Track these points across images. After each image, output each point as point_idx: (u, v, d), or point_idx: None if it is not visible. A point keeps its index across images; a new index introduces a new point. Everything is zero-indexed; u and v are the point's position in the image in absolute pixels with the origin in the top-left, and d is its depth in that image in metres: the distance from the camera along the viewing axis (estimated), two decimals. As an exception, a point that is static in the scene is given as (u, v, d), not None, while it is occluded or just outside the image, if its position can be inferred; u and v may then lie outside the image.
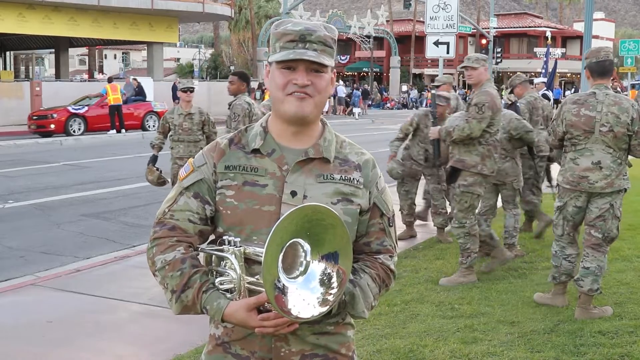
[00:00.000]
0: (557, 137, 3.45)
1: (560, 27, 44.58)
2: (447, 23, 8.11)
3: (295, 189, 1.27)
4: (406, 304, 3.73)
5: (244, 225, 1.27)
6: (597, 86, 3.43)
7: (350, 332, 1.36)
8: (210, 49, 51.19)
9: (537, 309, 3.63)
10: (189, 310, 1.25)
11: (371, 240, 1.34)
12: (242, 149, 1.32)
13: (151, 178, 5.43)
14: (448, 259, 4.78)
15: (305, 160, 1.29)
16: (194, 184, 1.31)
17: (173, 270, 1.25)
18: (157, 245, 1.28)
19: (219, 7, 25.98)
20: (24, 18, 20.84)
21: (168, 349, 3.24)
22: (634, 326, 3.30)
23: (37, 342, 3.37)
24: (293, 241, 1.14)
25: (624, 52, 15.23)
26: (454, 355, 2.98)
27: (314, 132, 1.32)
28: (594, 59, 3.42)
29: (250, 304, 1.19)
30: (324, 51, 1.26)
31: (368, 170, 1.34)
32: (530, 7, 62.69)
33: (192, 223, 1.29)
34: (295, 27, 1.26)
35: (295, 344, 1.28)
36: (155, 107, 17.15)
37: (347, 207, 1.28)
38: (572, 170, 3.42)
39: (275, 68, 1.27)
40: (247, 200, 1.27)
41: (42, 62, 49.31)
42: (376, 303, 1.34)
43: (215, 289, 1.24)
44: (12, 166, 10.25)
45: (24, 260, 5.09)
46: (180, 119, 5.32)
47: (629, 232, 5.28)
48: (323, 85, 1.27)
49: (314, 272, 1.16)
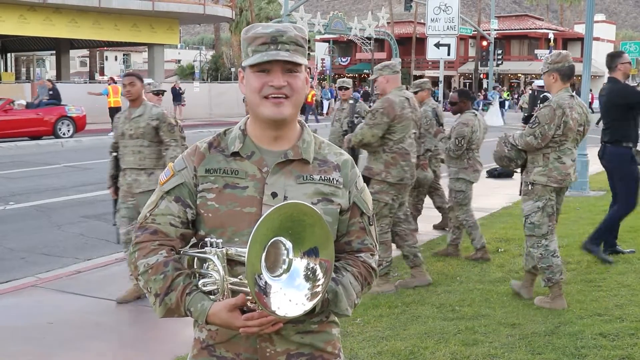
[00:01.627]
0: (547, 141, 3.56)
1: (561, 29, 44.63)
2: (448, 25, 8.13)
3: (276, 190, 1.28)
4: (407, 306, 3.73)
5: (226, 227, 1.27)
6: (566, 89, 3.63)
7: (335, 330, 1.37)
8: (211, 51, 51.26)
9: (537, 311, 3.63)
10: (173, 313, 1.26)
11: (352, 239, 1.35)
12: (221, 152, 1.32)
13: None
14: (448, 260, 4.78)
15: (284, 161, 1.30)
16: (175, 188, 1.31)
17: (156, 273, 1.25)
18: (139, 250, 1.29)
19: (220, 8, 26.05)
20: (25, 20, 20.88)
21: (168, 350, 3.25)
22: (634, 328, 3.30)
23: (38, 343, 3.38)
24: (275, 240, 1.14)
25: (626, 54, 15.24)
26: (454, 357, 2.98)
27: (293, 133, 1.33)
28: (565, 63, 3.61)
29: (232, 304, 1.20)
30: (297, 51, 1.27)
31: (347, 170, 1.35)
32: (531, 9, 62.84)
33: (173, 227, 1.30)
34: (265, 30, 1.27)
35: (280, 343, 1.28)
36: (70, 111, 14.97)
37: (327, 207, 1.29)
38: (558, 170, 3.59)
39: (250, 72, 1.28)
40: (228, 203, 1.28)
41: (43, 63, 49.40)
42: (359, 301, 1.35)
43: (199, 290, 1.25)
44: (12, 168, 10.27)
45: (24, 262, 5.09)
46: None
47: (629, 234, 5.27)
48: (299, 85, 1.28)
49: (297, 269, 1.17)
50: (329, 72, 37.71)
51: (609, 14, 74.98)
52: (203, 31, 76.42)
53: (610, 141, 4.64)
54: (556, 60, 3.60)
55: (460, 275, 4.39)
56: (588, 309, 3.62)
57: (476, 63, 39.26)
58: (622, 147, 4.55)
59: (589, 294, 3.90)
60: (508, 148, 3.68)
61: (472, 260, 4.72)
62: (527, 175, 3.66)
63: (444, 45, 8.05)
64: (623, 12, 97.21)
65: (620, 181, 4.62)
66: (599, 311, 3.58)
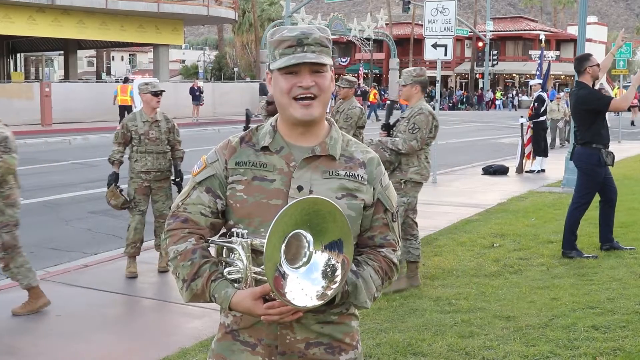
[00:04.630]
0: (424, 144, 4.05)
1: (555, 31, 44.75)
2: (444, 26, 8.19)
3: (302, 184, 1.32)
4: (405, 299, 3.80)
5: (253, 218, 1.32)
6: (422, 98, 4.13)
7: (354, 322, 1.40)
8: (215, 51, 51.37)
9: (532, 304, 3.69)
10: (199, 298, 1.30)
11: (375, 235, 1.38)
12: (252, 147, 1.37)
13: (115, 202, 4.50)
14: (445, 255, 4.85)
15: (311, 157, 1.34)
16: (206, 179, 1.36)
17: (184, 260, 1.30)
18: (170, 237, 1.34)
19: (223, 10, 26.17)
20: (34, 21, 21.09)
21: (173, 342, 3.31)
22: (626, 321, 3.36)
23: (46, 335, 3.47)
24: (296, 232, 1.17)
25: (616, 55, 15.19)
26: (451, 349, 3.04)
27: (321, 130, 1.38)
28: (425, 77, 4.13)
29: (256, 293, 1.24)
30: (322, 51, 1.31)
31: (372, 168, 1.39)
32: (525, 11, 62.90)
33: (203, 216, 1.35)
34: (291, 33, 1.31)
35: (300, 332, 1.32)
36: None
37: (351, 202, 1.33)
38: (427, 168, 4.14)
39: (278, 74, 1.32)
40: (256, 194, 1.32)
41: (52, 63, 49.67)
42: (379, 294, 1.38)
43: (224, 278, 1.29)
44: (22, 164, 10.26)
45: (33, 256, 5.16)
46: (146, 127, 4.48)
47: (621, 230, 5.33)
48: (326, 84, 1.33)
49: (316, 263, 1.20)
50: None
51: (601, 16, 74.87)
52: (207, 32, 76.58)
53: (579, 143, 4.74)
54: (420, 74, 4.11)
55: (456, 269, 4.46)
56: (580, 302, 3.68)
57: (472, 63, 39.41)
58: (591, 149, 4.64)
59: (582, 288, 3.95)
60: (388, 153, 4.03)
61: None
62: (402, 174, 4.04)
63: (441, 46, 8.11)
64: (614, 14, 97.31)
65: (584, 176, 4.71)
66: (591, 304, 3.63)
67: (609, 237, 4.87)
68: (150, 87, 4.51)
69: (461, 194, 7.86)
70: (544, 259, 4.69)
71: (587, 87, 4.68)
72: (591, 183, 4.69)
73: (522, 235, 5.42)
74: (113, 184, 4.47)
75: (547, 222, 5.93)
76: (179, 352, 3.17)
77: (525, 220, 6.03)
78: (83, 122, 18.57)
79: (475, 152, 13.02)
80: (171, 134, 4.59)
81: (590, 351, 3.00)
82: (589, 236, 5.16)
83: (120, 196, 4.50)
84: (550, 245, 5.04)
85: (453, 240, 5.29)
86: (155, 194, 4.59)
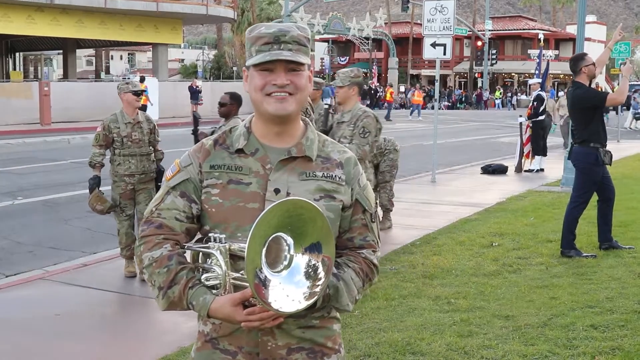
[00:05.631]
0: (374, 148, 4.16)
1: (554, 30, 44.86)
2: (443, 25, 8.21)
3: (279, 186, 1.30)
4: (404, 299, 3.81)
5: (229, 222, 1.29)
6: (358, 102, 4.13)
7: (336, 326, 1.38)
8: (214, 50, 51.41)
9: (530, 304, 3.70)
10: (176, 306, 1.28)
11: (354, 236, 1.36)
12: (226, 149, 1.34)
13: (101, 207, 4.33)
14: (444, 254, 4.85)
15: (288, 158, 1.32)
16: (181, 184, 1.33)
17: (160, 267, 1.27)
18: (144, 243, 1.31)
19: (222, 9, 26.17)
20: (33, 20, 21.07)
21: (173, 341, 3.31)
22: (624, 320, 3.37)
23: (46, 334, 3.46)
24: (276, 235, 1.16)
25: (616, 55, 15.16)
26: (450, 348, 3.05)
27: (296, 131, 1.35)
28: (362, 79, 4.11)
29: (236, 299, 1.21)
30: (299, 50, 1.29)
31: (350, 168, 1.36)
32: (524, 10, 63.03)
33: (178, 221, 1.32)
34: (269, 30, 1.29)
35: (281, 337, 1.30)
36: None
37: (329, 204, 1.31)
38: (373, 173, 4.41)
39: (254, 71, 1.30)
40: (232, 198, 1.30)
41: (51, 62, 49.65)
42: (360, 296, 1.36)
43: (202, 285, 1.26)
44: (21, 164, 10.40)
45: (32, 255, 5.19)
46: (129, 129, 4.34)
47: (620, 229, 5.34)
48: (302, 83, 1.31)
49: (298, 266, 1.18)
50: (328, 72, 37.82)
51: (600, 15, 75.06)
52: (206, 31, 76.53)
53: (577, 142, 4.75)
54: (357, 75, 4.01)
55: (455, 268, 4.47)
56: (579, 301, 3.69)
57: (471, 62, 39.53)
58: (588, 148, 4.65)
59: (580, 287, 3.96)
60: None
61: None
62: None
63: (440, 45, 8.12)
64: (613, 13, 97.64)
65: (582, 176, 4.72)
66: (590, 303, 3.64)
67: (608, 237, 4.88)
68: (132, 86, 4.37)
69: (460, 193, 7.86)
70: (542, 258, 4.70)
71: (583, 86, 4.69)
72: (589, 182, 4.70)
73: (521, 235, 5.42)
74: (96, 189, 4.31)
75: (546, 222, 5.94)
76: (178, 351, 3.17)
77: (524, 220, 6.04)
78: (82, 121, 18.53)
79: (474, 152, 13.03)
80: (152, 134, 4.47)
81: (589, 350, 3.01)
82: (588, 235, 5.17)
83: (106, 200, 4.35)
84: (549, 244, 5.05)
85: (452, 240, 5.30)
86: (139, 196, 4.45)
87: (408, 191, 7.74)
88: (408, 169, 9.30)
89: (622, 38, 6.57)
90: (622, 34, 5.47)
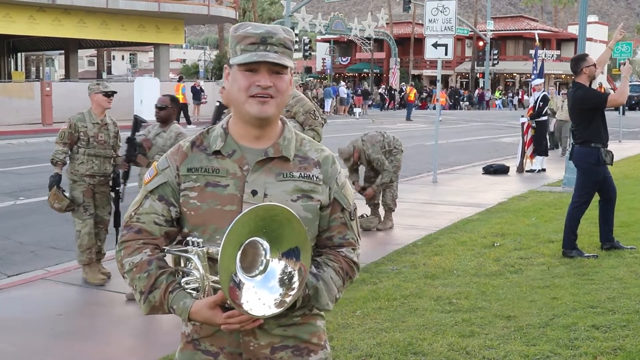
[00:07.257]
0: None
1: (555, 30, 44.93)
2: (445, 25, 8.21)
3: (256, 188, 1.29)
4: (405, 299, 3.81)
5: (207, 225, 1.29)
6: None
7: (320, 322, 1.38)
8: (215, 50, 51.45)
9: (532, 304, 3.70)
10: (157, 310, 1.29)
11: (333, 235, 1.36)
12: (204, 151, 1.34)
13: (59, 205, 4.25)
14: (446, 255, 4.85)
15: (265, 159, 1.31)
16: (158, 187, 1.33)
17: (140, 272, 1.28)
18: (124, 249, 1.31)
19: (224, 9, 26.19)
20: (34, 20, 21.12)
21: (173, 341, 3.29)
22: (626, 320, 3.36)
23: (47, 334, 3.47)
24: (252, 240, 1.16)
25: (617, 55, 15.11)
26: (451, 349, 3.05)
27: (274, 131, 1.34)
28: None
29: (212, 302, 1.22)
30: (284, 53, 1.29)
31: (327, 167, 1.36)
32: (525, 10, 63.10)
33: (157, 225, 1.32)
34: (256, 30, 1.29)
35: (262, 337, 1.31)
36: None
37: (307, 204, 1.31)
38: None
39: (237, 70, 1.30)
40: (210, 201, 1.29)
41: (52, 63, 49.74)
42: (340, 295, 1.36)
43: (182, 289, 1.27)
44: (23, 164, 10.41)
45: (34, 255, 5.20)
46: (96, 130, 4.30)
47: (621, 229, 5.33)
48: (284, 87, 1.30)
49: (273, 271, 1.18)
50: (329, 72, 37.88)
51: (601, 15, 75.19)
52: (207, 31, 76.70)
53: (578, 142, 4.75)
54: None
55: (457, 269, 4.47)
56: (581, 301, 3.68)
57: (473, 63, 39.54)
58: (589, 148, 4.65)
59: (582, 287, 3.96)
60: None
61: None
62: None
63: (441, 45, 8.12)
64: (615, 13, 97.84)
65: (583, 176, 4.71)
66: (591, 304, 3.64)
67: (610, 237, 4.88)
68: (102, 87, 4.32)
69: (462, 193, 7.86)
70: (544, 259, 4.69)
71: (584, 87, 4.69)
72: (590, 182, 4.69)
73: (522, 235, 5.42)
74: (55, 186, 4.24)
75: (547, 222, 5.93)
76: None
77: (525, 220, 6.04)
78: (84, 121, 18.56)
79: (476, 152, 13.02)
80: (115, 138, 4.43)
81: (591, 351, 3.00)
82: (590, 235, 5.17)
83: (64, 198, 4.26)
84: (550, 244, 5.04)
85: (454, 240, 5.30)
86: (97, 199, 4.40)
87: (409, 191, 7.74)
88: (409, 169, 9.30)
89: (624, 38, 6.56)
90: (622, 34, 5.46)
